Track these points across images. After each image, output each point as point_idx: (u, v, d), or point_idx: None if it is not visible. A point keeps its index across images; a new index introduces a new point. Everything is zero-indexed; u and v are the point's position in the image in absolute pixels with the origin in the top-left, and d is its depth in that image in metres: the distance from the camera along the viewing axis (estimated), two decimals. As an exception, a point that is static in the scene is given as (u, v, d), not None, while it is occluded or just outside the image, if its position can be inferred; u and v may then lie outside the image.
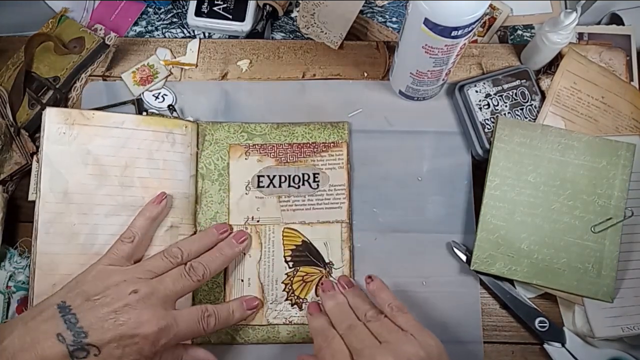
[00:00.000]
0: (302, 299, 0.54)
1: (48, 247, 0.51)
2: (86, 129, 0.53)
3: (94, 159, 0.53)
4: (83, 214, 0.52)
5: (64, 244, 0.51)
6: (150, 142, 0.55)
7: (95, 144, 0.53)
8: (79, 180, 0.52)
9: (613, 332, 0.52)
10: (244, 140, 0.58)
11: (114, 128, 0.54)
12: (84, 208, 0.52)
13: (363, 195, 0.58)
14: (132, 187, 0.54)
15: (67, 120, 0.53)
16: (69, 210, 0.52)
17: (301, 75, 0.62)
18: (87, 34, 0.61)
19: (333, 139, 0.58)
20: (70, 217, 0.52)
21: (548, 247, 0.53)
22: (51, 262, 0.51)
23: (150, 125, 0.55)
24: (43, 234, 0.51)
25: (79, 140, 0.53)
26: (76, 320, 0.42)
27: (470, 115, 0.58)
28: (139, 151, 0.54)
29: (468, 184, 0.58)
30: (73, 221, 0.52)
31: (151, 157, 0.55)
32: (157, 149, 0.55)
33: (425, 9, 0.45)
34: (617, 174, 0.54)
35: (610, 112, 0.58)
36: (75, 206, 0.52)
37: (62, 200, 0.52)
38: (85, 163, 0.53)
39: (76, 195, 0.52)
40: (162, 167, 0.55)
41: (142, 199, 0.54)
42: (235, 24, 0.64)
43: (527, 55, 0.60)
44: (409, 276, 0.56)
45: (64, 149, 0.52)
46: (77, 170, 0.52)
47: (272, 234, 0.56)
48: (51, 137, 0.52)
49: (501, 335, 0.55)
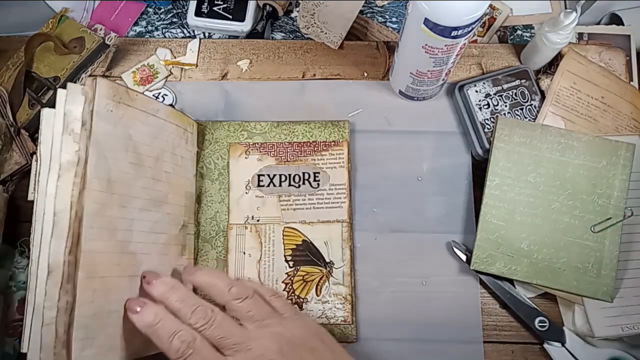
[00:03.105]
0: (302, 299, 0.54)
1: (91, 244, 0.42)
2: (130, 110, 0.47)
3: (134, 146, 0.47)
4: (123, 207, 0.45)
5: (105, 241, 0.43)
6: (174, 137, 0.52)
7: (136, 129, 0.47)
8: (121, 168, 0.45)
9: (613, 332, 0.52)
10: (244, 139, 0.58)
11: (152, 115, 0.49)
12: (124, 200, 0.45)
13: (363, 195, 0.58)
14: (160, 182, 0.49)
15: (115, 97, 0.46)
16: (111, 201, 0.44)
17: (301, 75, 0.62)
18: (87, 34, 0.61)
19: (334, 137, 0.58)
20: (112, 209, 0.44)
21: (548, 247, 0.53)
22: (92, 262, 0.42)
23: (176, 119, 0.53)
24: (88, 227, 0.41)
25: (124, 122, 0.46)
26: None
27: (470, 115, 0.58)
28: (167, 144, 0.51)
29: (468, 184, 0.58)
30: (115, 214, 0.44)
31: (174, 153, 0.52)
32: (178, 144, 0.52)
33: (425, 9, 0.45)
34: (617, 174, 0.54)
35: (610, 112, 0.58)
36: (117, 197, 0.45)
37: (107, 189, 0.44)
38: (127, 149, 0.46)
39: (118, 184, 0.45)
40: (180, 164, 0.53)
41: (166, 196, 0.50)
42: (235, 24, 0.64)
43: (527, 55, 0.61)
44: (409, 276, 0.56)
45: (110, 129, 0.45)
46: (120, 156, 0.45)
47: (272, 233, 0.56)
48: (100, 112, 0.44)
49: (501, 335, 0.55)
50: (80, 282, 0.40)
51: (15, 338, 0.52)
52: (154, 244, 0.49)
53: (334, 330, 0.53)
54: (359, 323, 0.54)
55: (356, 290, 0.55)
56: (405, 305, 0.55)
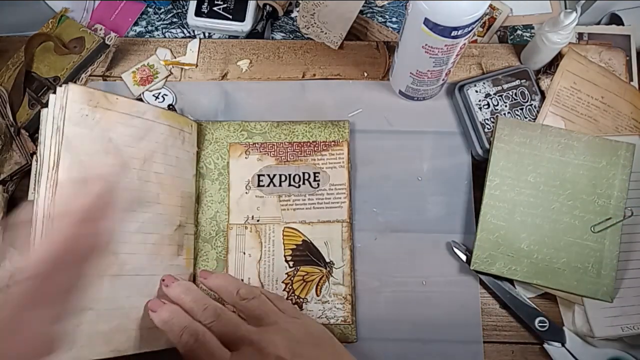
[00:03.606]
0: (302, 299, 0.54)
1: None
2: (109, 114, 0.48)
3: (115, 148, 0.48)
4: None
5: None
6: (166, 137, 0.53)
7: (118, 131, 0.49)
8: (100, 170, 0.47)
9: (613, 332, 0.52)
10: (244, 139, 0.58)
11: (136, 117, 0.50)
12: None
13: (363, 195, 0.58)
14: (148, 183, 0.50)
15: (91, 102, 0.47)
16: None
17: (301, 75, 0.62)
18: (87, 34, 0.61)
19: (334, 137, 0.58)
20: None
21: (548, 247, 0.53)
22: None
23: (168, 119, 0.53)
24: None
25: (102, 125, 0.48)
26: None
27: (470, 115, 0.58)
28: (156, 145, 0.52)
29: (468, 184, 0.58)
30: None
31: (166, 153, 0.52)
32: (171, 144, 0.53)
33: (425, 9, 0.45)
34: (617, 174, 0.54)
35: (610, 112, 0.58)
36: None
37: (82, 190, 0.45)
38: (107, 152, 0.48)
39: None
40: (175, 164, 0.53)
41: (157, 196, 0.51)
42: (235, 24, 0.64)
43: (527, 55, 0.61)
44: (409, 276, 0.56)
45: (85, 132, 0.47)
46: (99, 159, 0.47)
47: (272, 233, 0.56)
48: (73, 117, 0.46)
49: (501, 335, 0.55)
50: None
51: (15, 338, 0.52)
52: (141, 244, 0.50)
53: (334, 330, 0.53)
54: (359, 323, 0.54)
55: (356, 290, 0.55)
56: (405, 305, 0.55)
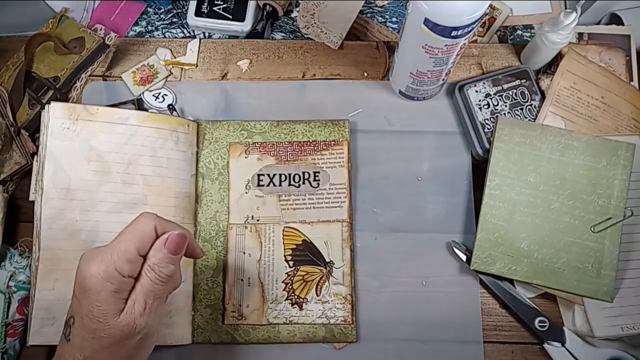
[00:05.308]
0: (302, 299, 0.54)
1: (51, 243, 0.51)
2: (90, 124, 0.53)
3: (97, 155, 0.53)
4: (85, 211, 0.52)
5: (66, 240, 0.51)
6: (154, 140, 0.55)
7: (99, 140, 0.53)
8: (82, 177, 0.52)
9: (613, 332, 0.52)
10: (244, 139, 0.58)
11: (118, 124, 0.54)
12: (86, 205, 0.52)
13: (363, 195, 0.58)
14: (134, 185, 0.53)
15: (72, 116, 0.53)
16: (71, 206, 0.52)
17: (301, 75, 0.62)
18: (87, 34, 0.61)
19: (334, 137, 0.58)
20: (72, 213, 0.52)
21: (548, 246, 0.53)
22: (53, 257, 0.51)
23: (155, 122, 0.55)
24: (46, 229, 0.51)
25: (83, 136, 0.53)
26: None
27: (470, 115, 0.58)
28: (142, 148, 0.54)
29: (468, 184, 0.58)
30: (75, 217, 0.52)
31: (154, 155, 0.54)
32: (160, 146, 0.55)
33: (425, 9, 0.45)
34: (617, 174, 0.54)
35: (610, 112, 0.58)
36: (78, 203, 0.52)
37: (65, 196, 0.52)
38: (88, 159, 0.53)
39: (79, 191, 0.52)
40: (166, 165, 0.55)
41: (145, 197, 0.53)
42: (235, 24, 0.64)
43: (527, 55, 0.61)
44: (409, 276, 0.56)
45: (67, 144, 0.52)
46: (80, 167, 0.52)
47: (272, 233, 0.56)
48: (55, 132, 0.52)
49: (501, 335, 0.55)
50: (40, 273, 0.50)
51: (15, 338, 0.52)
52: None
53: (334, 330, 0.53)
54: (359, 323, 0.54)
55: (356, 290, 0.55)
56: (405, 305, 0.55)
